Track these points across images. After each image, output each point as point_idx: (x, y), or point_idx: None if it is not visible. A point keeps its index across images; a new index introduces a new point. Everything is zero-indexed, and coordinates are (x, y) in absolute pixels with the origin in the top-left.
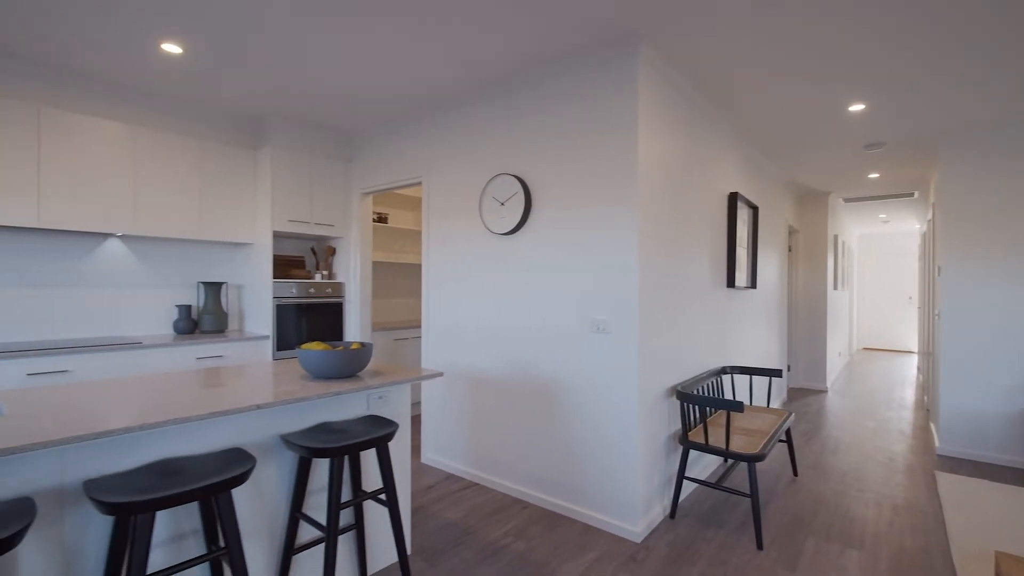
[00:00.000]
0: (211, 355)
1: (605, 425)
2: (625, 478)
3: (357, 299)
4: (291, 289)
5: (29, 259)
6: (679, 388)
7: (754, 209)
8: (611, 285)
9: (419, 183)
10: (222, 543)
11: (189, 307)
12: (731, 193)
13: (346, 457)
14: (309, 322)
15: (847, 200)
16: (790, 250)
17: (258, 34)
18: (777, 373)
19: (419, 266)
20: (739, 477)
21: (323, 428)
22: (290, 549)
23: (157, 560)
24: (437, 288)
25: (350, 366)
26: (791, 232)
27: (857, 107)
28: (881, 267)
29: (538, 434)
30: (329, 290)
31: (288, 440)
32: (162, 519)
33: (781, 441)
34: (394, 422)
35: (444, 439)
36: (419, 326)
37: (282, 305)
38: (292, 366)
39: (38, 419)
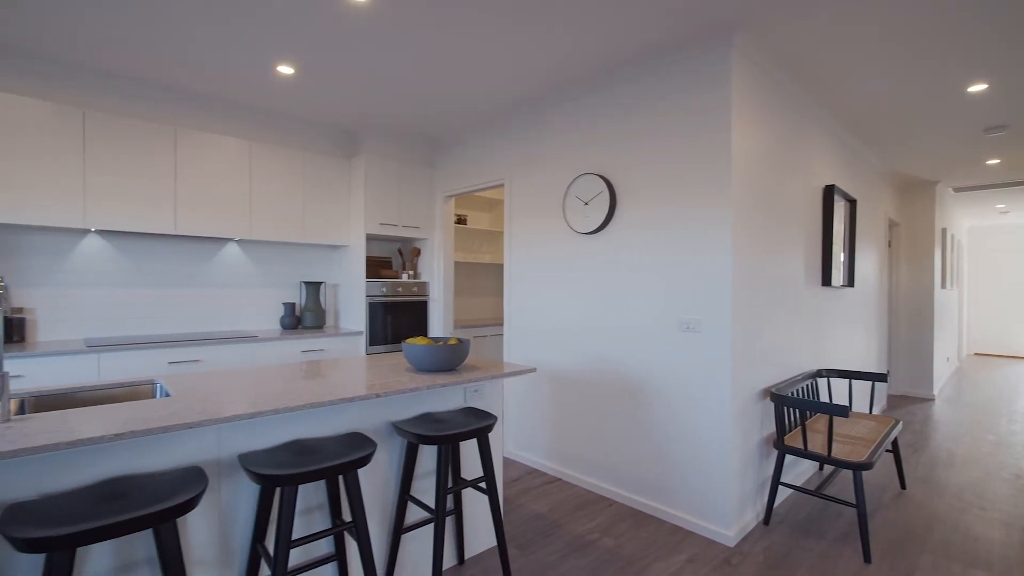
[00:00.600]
0: (314, 348)
1: (695, 426)
2: (717, 481)
3: (441, 298)
4: (381, 288)
5: (166, 262)
6: (773, 390)
7: (852, 202)
8: (701, 284)
9: (501, 185)
10: (346, 517)
11: (293, 305)
12: (827, 186)
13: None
14: (397, 319)
15: (957, 190)
16: (890, 245)
17: (356, 52)
18: (881, 378)
19: (495, 266)
20: (838, 486)
21: (427, 417)
22: (399, 529)
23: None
24: (519, 287)
25: (451, 360)
26: (891, 226)
27: (977, 87)
28: (997, 263)
29: (623, 433)
30: (415, 289)
31: (398, 427)
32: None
33: (887, 451)
34: (493, 414)
35: (526, 434)
36: (496, 324)
37: (373, 303)
38: (391, 360)
39: (201, 400)
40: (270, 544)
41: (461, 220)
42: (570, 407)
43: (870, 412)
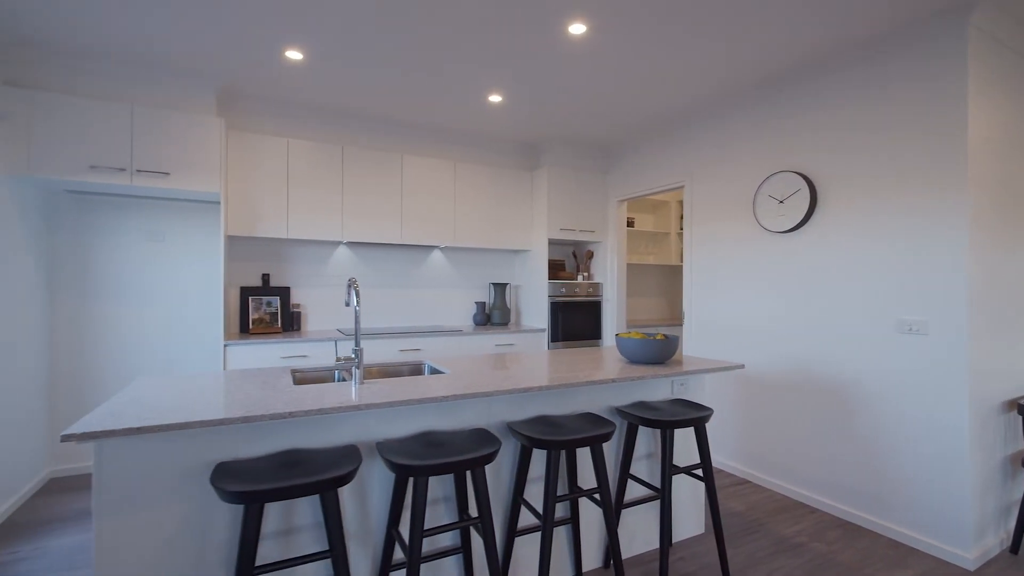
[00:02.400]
0: (505, 343)
1: (917, 436)
2: (952, 498)
3: (615, 298)
4: (560, 289)
5: (391, 267)
6: (1021, 402)
7: None
8: (925, 282)
9: (680, 187)
10: (585, 486)
11: (483, 303)
12: None
13: (670, 431)
14: (573, 318)
15: None
16: None
17: (562, 76)
18: None
19: (660, 267)
20: None
21: (643, 405)
22: (620, 503)
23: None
24: (700, 287)
25: (663, 353)
26: None
27: None
28: None
29: (826, 439)
30: (590, 290)
31: (621, 411)
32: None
33: None
34: (707, 406)
35: (712, 433)
36: (664, 323)
37: (553, 303)
38: (592, 353)
39: (467, 377)
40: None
41: (629, 223)
42: (760, 408)
43: None
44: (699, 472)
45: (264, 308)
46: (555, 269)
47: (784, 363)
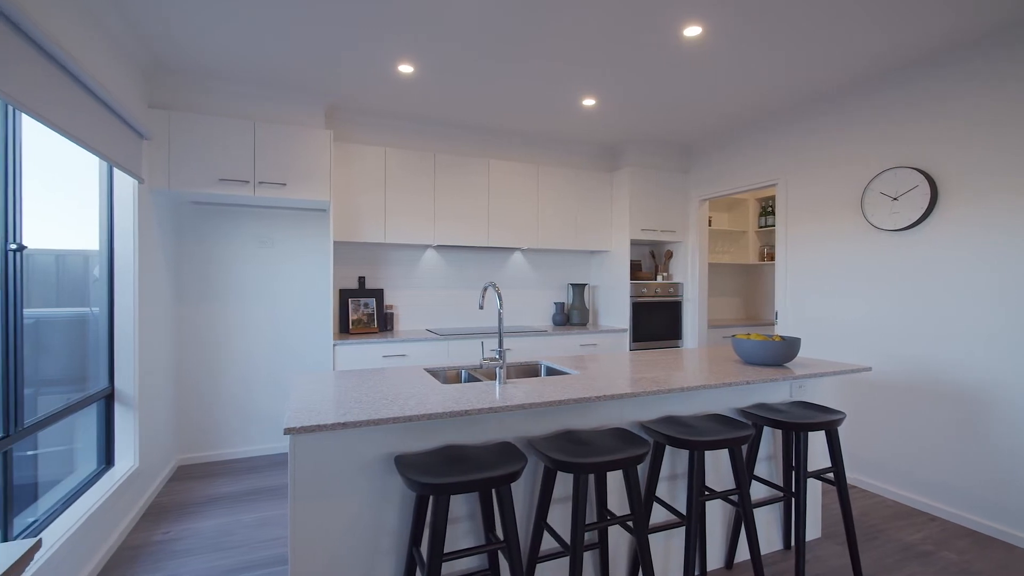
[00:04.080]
0: (589, 343)
1: None
2: None
3: (696, 298)
4: (641, 289)
5: (474, 269)
6: None
7: None
8: None
9: (772, 185)
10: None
11: (563, 304)
12: None
13: (803, 434)
14: (652, 318)
15: None
16: None
17: (663, 79)
18: None
19: (735, 266)
20: None
21: (766, 407)
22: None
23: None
24: (796, 287)
25: (786, 355)
26: None
27: None
28: None
29: (946, 444)
30: (671, 290)
31: (747, 412)
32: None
33: None
34: (839, 410)
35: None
36: (742, 324)
37: (634, 303)
38: (705, 353)
39: (601, 379)
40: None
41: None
42: (868, 411)
43: None
44: (830, 476)
45: (362, 309)
46: (633, 270)
47: (898, 364)
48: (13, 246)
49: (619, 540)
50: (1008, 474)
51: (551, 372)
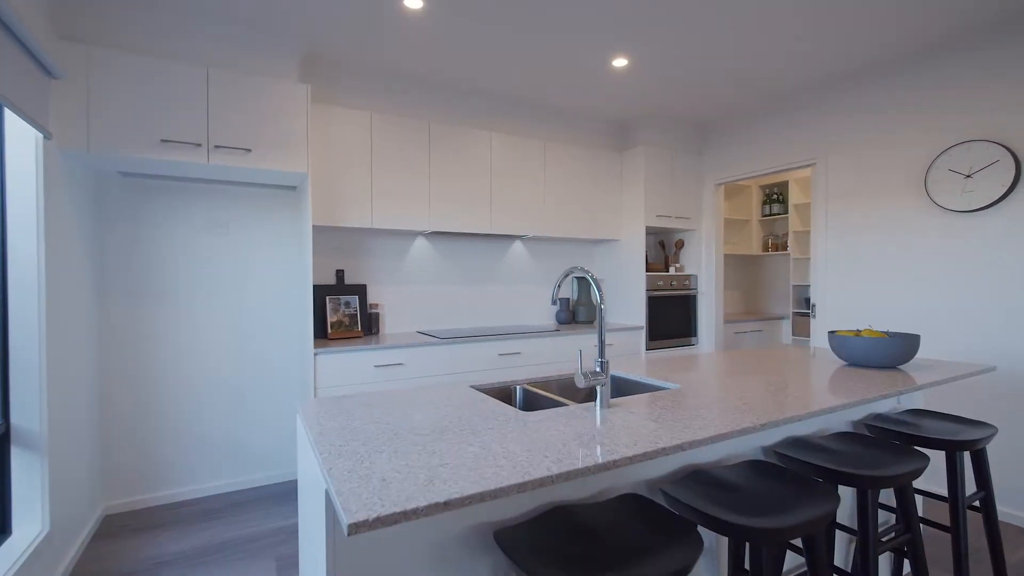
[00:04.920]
0: (605, 343)
1: None
2: None
3: (712, 291)
4: (657, 282)
5: (471, 260)
6: None
7: None
8: None
9: (808, 166)
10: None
11: (567, 300)
12: None
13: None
14: (664, 313)
15: None
16: None
17: (706, 33)
18: None
19: (737, 257)
20: None
21: (883, 419)
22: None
23: None
24: (837, 276)
25: (906, 354)
26: None
27: None
28: None
29: None
30: (687, 282)
31: (871, 427)
32: None
33: None
34: (984, 421)
35: None
36: (752, 318)
37: (649, 298)
38: (784, 354)
39: (699, 395)
40: None
41: None
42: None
43: None
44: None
45: (343, 309)
46: None
47: (979, 359)
48: None
49: None
50: None
51: (628, 384)
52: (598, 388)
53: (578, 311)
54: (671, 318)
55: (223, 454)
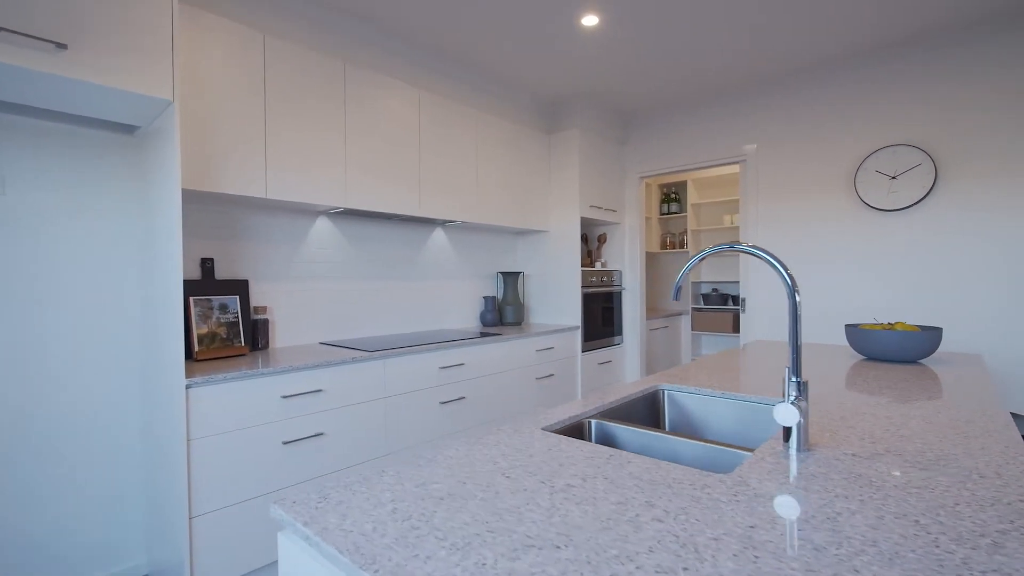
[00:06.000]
0: (545, 346)
1: None
2: None
3: (637, 287)
4: (590, 279)
5: (380, 249)
6: None
7: None
8: None
9: (736, 162)
10: None
11: (493, 298)
12: None
13: None
14: (595, 313)
15: None
16: None
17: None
18: None
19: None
20: None
21: None
22: None
23: None
24: (764, 271)
25: (928, 349)
26: None
27: None
28: None
29: None
30: (614, 278)
31: None
32: None
33: None
34: None
35: None
36: (665, 316)
37: (584, 295)
38: (755, 350)
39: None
40: None
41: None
42: None
43: None
44: None
45: (216, 315)
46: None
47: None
48: None
49: None
50: None
51: (679, 407)
52: (795, 430)
53: (505, 311)
54: (596, 315)
55: (8, 564)
